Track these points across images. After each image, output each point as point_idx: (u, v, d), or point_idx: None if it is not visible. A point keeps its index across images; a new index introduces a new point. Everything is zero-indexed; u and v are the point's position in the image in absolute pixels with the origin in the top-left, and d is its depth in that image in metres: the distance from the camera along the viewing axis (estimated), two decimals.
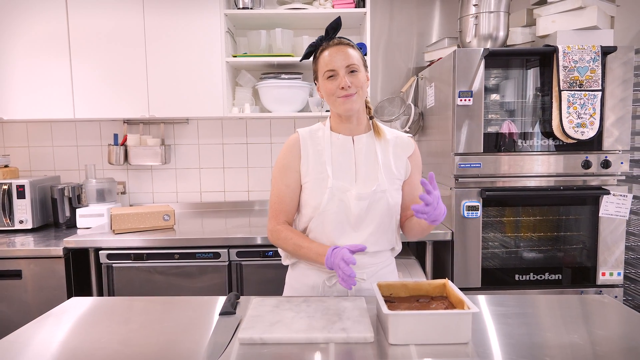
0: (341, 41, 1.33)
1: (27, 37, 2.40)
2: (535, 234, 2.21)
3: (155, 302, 1.32)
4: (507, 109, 2.19)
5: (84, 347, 1.04)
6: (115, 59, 2.41)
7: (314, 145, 1.40)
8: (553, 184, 2.12)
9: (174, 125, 2.83)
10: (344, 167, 1.38)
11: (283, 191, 1.40)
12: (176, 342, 1.06)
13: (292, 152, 1.40)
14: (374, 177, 1.36)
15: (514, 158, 2.09)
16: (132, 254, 2.13)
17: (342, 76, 1.30)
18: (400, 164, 1.41)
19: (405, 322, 1.01)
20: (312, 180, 1.37)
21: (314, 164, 1.38)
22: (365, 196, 1.33)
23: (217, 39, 2.40)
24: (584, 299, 1.31)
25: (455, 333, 1.01)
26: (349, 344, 1.02)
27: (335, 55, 1.31)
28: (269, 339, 1.03)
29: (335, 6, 2.46)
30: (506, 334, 1.08)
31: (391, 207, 1.37)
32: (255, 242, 2.13)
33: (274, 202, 1.42)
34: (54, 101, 2.44)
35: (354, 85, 1.30)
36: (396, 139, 1.43)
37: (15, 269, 2.13)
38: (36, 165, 2.86)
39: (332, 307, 1.20)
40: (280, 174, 1.40)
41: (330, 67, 1.31)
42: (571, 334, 1.07)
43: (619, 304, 1.27)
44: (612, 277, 2.14)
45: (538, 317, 1.18)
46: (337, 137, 1.40)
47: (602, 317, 1.18)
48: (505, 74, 2.19)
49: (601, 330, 1.10)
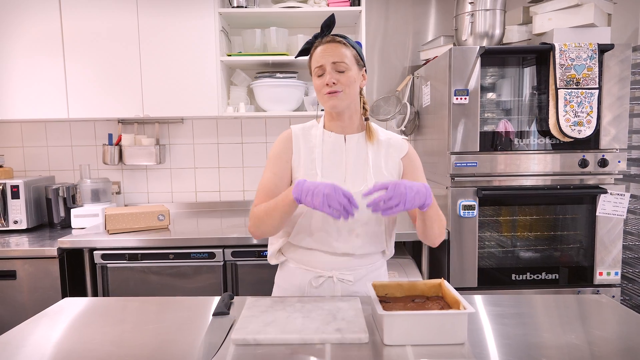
0: (334, 38, 1.32)
1: (22, 38, 2.38)
2: (532, 233, 2.20)
3: (148, 302, 1.31)
4: (504, 107, 2.18)
5: (76, 348, 1.02)
6: (109, 59, 2.39)
7: (306, 142, 1.39)
8: (550, 182, 2.11)
9: (168, 124, 2.81)
10: (334, 166, 1.37)
11: (270, 178, 1.37)
12: (169, 343, 1.04)
13: (285, 145, 1.39)
14: (363, 178, 1.35)
15: (510, 157, 2.08)
16: (127, 254, 2.12)
17: (329, 72, 1.29)
18: (392, 166, 1.39)
19: (399, 323, 1.00)
20: (302, 177, 1.35)
21: (305, 161, 1.37)
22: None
23: (211, 37, 2.39)
24: (581, 299, 1.30)
25: (451, 333, 1.00)
26: (343, 345, 1.01)
27: (324, 52, 1.30)
28: (263, 340, 1.02)
29: (330, 4, 2.44)
30: (503, 334, 1.07)
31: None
32: (250, 242, 2.12)
33: (259, 190, 1.37)
34: (49, 101, 2.42)
35: (340, 82, 1.29)
36: (389, 140, 1.41)
37: (10, 269, 2.11)
38: (31, 166, 2.84)
39: (327, 308, 1.18)
40: (270, 163, 1.40)
41: (319, 63, 1.31)
42: (568, 334, 1.06)
43: (616, 303, 1.26)
44: (609, 277, 2.13)
45: (535, 317, 1.17)
46: (329, 135, 1.39)
47: (599, 317, 1.17)
48: (502, 72, 2.18)
49: (598, 331, 1.09)
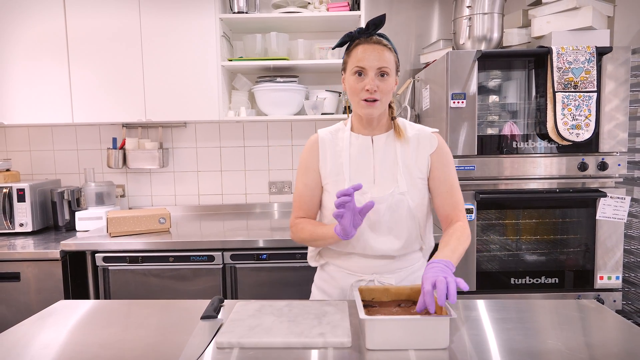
0: (380, 40, 1.25)
1: (25, 39, 2.43)
2: (531, 237, 2.18)
3: (140, 305, 1.33)
4: (502, 111, 2.17)
5: (64, 350, 1.05)
6: (113, 64, 2.44)
7: (333, 146, 1.38)
8: (549, 186, 2.09)
9: (172, 128, 2.85)
10: (362, 168, 1.34)
11: (301, 190, 1.41)
12: (155, 346, 1.06)
13: (311, 153, 1.40)
14: (393, 179, 1.32)
15: (509, 160, 2.07)
16: (128, 256, 2.15)
17: (371, 78, 1.24)
18: (422, 162, 1.34)
19: (381, 327, 1.00)
20: (331, 183, 1.36)
21: (332, 166, 1.36)
22: (381, 199, 1.30)
23: (212, 43, 2.42)
24: (570, 305, 1.29)
25: (433, 338, 1.01)
26: (326, 349, 1.02)
27: (369, 53, 1.23)
28: (246, 344, 1.03)
29: (330, 9, 2.46)
30: (486, 339, 1.07)
31: (412, 210, 1.31)
32: (249, 246, 2.14)
33: (294, 199, 1.43)
34: (53, 105, 2.47)
35: (380, 90, 1.24)
36: (418, 135, 1.36)
37: (14, 271, 2.16)
38: (38, 169, 2.90)
39: (314, 312, 1.19)
40: (300, 172, 1.42)
41: (361, 64, 1.24)
42: (553, 340, 1.05)
43: (605, 309, 1.25)
44: (610, 281, 2.10)
45: (521, 322, 1.16)
46: (357, 137, 1.37)
47: (588, 323, 1.16)
48: (500, 75, 2.17)
49: (585, 337, 1.08)
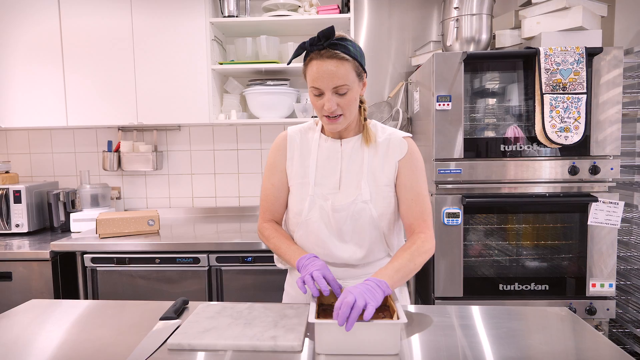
0: (334, 55, 1.15)
1: (23, 44, 2.49)
2: (519, 242, 2.12)
3: (108, 306, 1.34)
4: (490, 113, 2.12)
5: (16, 349, 1.06)
6: (106, 67, 2.48)
7: (301, 147, 1.35)
8: (539, 190, 2.04)
9: (166, 132, 2.89)
10: (328, 174, 1.31)
11: (269, 189, 1.39)
12: (108, 346, 1.06)
13: (278, 152, 1.38)
14: (357, 186, 1.28)
15: (496, 164, 2.02)
16: (115, 257, 2.18)
17: (328, 98, 1.18)
18: (389, 168, 1.30)
19: (330, 331, 0.98)
20: (296, 185, 1.34)
21: (299, 168, 1.34)
22: (342, 207, 1.27)
23: (202, 47, 2.44)
24: (541, 312, 1.25)
25: (383, 344, 0.98)
26: (276, 353, 1.01)
27: (322, 73, 1.16)
28: (197, 345, 1.03)
29: (319, 12, 2.46)
30: (441, 347, 1.04)
31: (375, 219, 1.28)
32: (234, 248, 2.14)
33: (262, 200, 1.41)
34: (48, 108, 2.52)
35: (341, 106, 1.20)
36: (389, 140, 1.32)
37: (6, 270, 2.21)
38: (37, 172, 2.96)
39: (273, 315, 1.18)
40: (268, 172, 1.40)
41: (316, 85, 1.19)
42: (507, 349, 1.02)
43: (575, 317, 1.21)
44: (603, 289, 2.03)
45: (481, 329, 1.13)
46: (326, 140, 1.34)
47: (550, 331, 1.12)
48: (488, 77, 2.13)
49: (544, 346, 1.04)
